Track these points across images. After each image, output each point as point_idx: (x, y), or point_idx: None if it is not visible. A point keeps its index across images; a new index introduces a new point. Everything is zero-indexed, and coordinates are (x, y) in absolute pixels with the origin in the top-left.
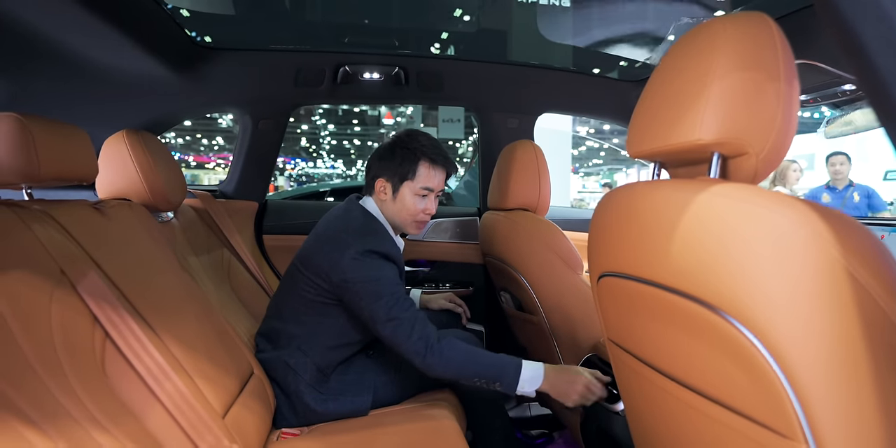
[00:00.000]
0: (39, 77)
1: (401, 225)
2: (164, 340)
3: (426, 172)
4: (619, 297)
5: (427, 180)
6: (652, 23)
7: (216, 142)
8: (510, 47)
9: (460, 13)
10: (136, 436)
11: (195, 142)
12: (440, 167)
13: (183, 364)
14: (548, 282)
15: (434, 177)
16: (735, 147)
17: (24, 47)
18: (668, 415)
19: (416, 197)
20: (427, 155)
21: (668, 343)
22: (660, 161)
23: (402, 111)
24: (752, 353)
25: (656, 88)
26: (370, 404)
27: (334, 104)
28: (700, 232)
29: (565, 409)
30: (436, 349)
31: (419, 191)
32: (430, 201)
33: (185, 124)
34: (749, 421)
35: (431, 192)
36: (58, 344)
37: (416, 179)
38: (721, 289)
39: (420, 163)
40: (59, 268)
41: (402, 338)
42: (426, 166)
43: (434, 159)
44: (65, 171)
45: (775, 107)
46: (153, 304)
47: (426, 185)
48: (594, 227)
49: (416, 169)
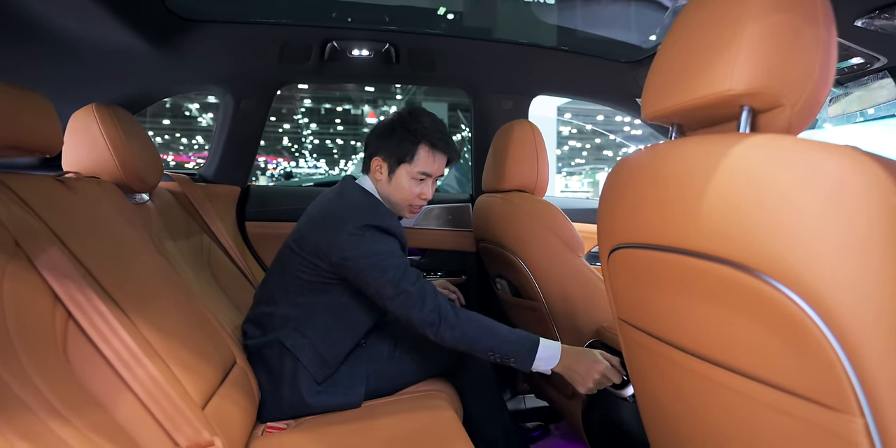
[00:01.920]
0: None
1: (394, 207)
2: (135, 323)
3: (426, 156)
4: (634, 270)
5: (426, 165)
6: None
7: (196, 141)
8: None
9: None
10: (104, 428)
11: (174, 141)
12: (441, 152)
13: (157, 349)
14: (548, 265)
15: (434, 162)
16: (769, 98)
17: None
18: (692, 396)
19: (413, 181)
20: (428, 138)
21: (695, 317)
22: (678, 123)
23: (386, 110)
24: (800, 319)
25: (678, 40)
26: (363, 397)
27: (321, 83)
28: (737, 187)
29: (566, 397)
30: (450, 320)
31: (416, 175)
32: (426, 186)
33: (164, 123)
34: (793, 396)
35: (429, 177)
36: (10, 323)
37: (415, 163)
38: (763, 249)
39: (420, 146)
40: (13, 240)
41: (414, 310)
42: (426, 150)
43: (435, 143)
44: (24, 140)
45: (814, 53)
46: (124, 285)
47: (424, 170)
48: (605, 197)
49: (416, 152)
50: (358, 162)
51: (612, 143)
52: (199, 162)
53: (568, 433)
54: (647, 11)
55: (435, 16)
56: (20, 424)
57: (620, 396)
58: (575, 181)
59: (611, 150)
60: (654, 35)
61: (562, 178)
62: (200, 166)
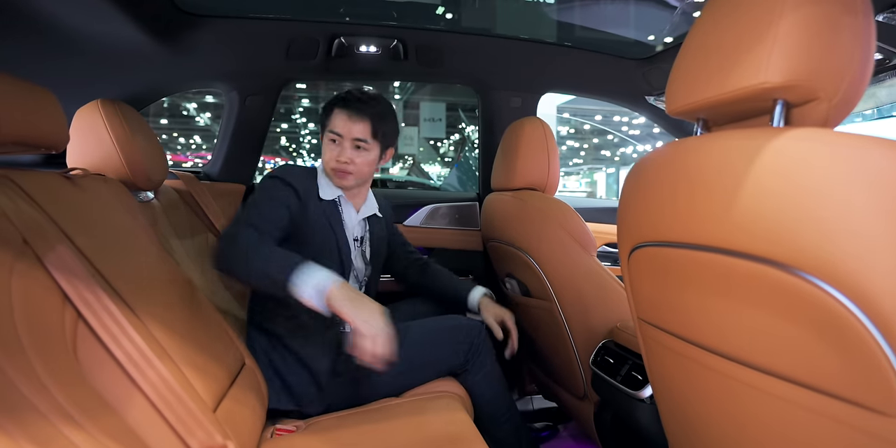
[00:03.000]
0: (1, 38)
1: (329, 176)
2: (145, 323)
3: (334, 116)
4: (659, 269)
5: (334, 123)
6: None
7: (193, 140)
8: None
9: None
10: (115, 432)
11: (171, 141)
12: (348, 110)
13: (168, 350)
14: (560, 264)
15: (340, 120)
16: (805, 91)
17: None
18: (721, 399)
19: (329, 143)
20: (338, 101)
21: (726, 317)
22: (703, 118)
23: None
24: (844, 319)
25: (705, 32)
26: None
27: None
28: (776, 182)
29: (577, 398)
30: (231, 237)
31: (329, 135)
32: (342, 149)
33: (162, 123)
34: (835, 399)
35: (340, 137)
36: (19, 324)
37: (328, 124)
38: (804, 246)
39: (333, 109)
40: (21, 237)
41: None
42: (334, 110)
43: (340, 103)
44: (30, 135)
45: (853, 44)
46: (133, 284)
47: (332, 129)
48: (626, 195)
49: (329, 114)
50: None
51: (610, 142)
52: (197, 162)
53: (577, 434)
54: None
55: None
56: (32, 429)
57: (637, 398)
58: (573, 181)
59: (608, 150)
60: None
61: (560, 178)
62: (197, 166)
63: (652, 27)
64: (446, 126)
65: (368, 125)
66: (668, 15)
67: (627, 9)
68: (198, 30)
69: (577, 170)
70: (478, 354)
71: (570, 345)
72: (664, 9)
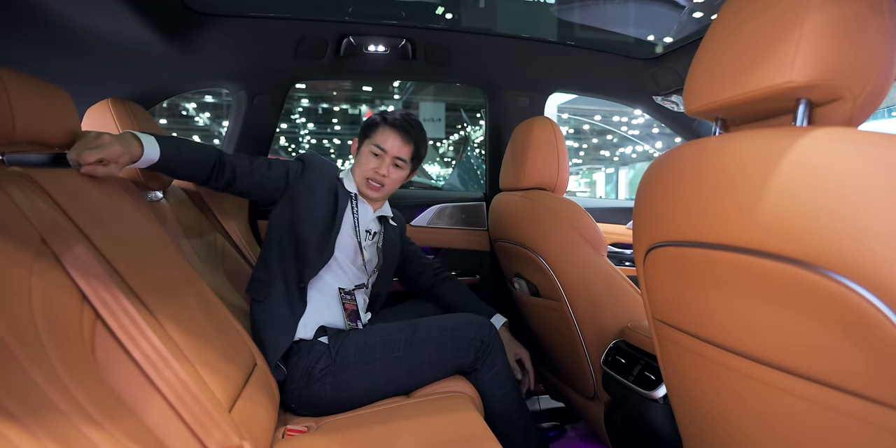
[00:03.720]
0: (9, 37)
1: (357, 183)
2: (162, 324)
3: (382, 132)
4: (677, 269)
5: (381, 139)
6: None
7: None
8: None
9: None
10: (134, 432)
11: None
12: (398, 131)
13: (184, 351)
14: (571, 263)
15: (388, 138)
16: (829, 91)
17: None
18: (741, 399)
19: (370, 155)
20: (388, 119)
21: (749, 317)
22: (722, 118)
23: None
24: (873, 318)
25: (725, 31)
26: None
27: (336, 79)
28: (802, 181)
29: (586, 398)
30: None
31: (373, 149)
32: (382, 163)
33: (161, 122)
34: (862, 399)
35: (385, 152)
36: (39, 324)
37: (373, 137)
38: (831, 245)
39: (380, 124)
40: (39, 237)
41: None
42: (384, 128)
43: (392, 123)
44: (44, 134)
45: (880, 43)
46: (149, 283)
47: (378, 143)
48: (643, 194)
49: (376, 128)
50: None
51: (610, 143)
52: None
53: (584, 434)
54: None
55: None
56: (54, 428)
57: (650, 398)
58: (572, 181)
59: (608, 150)
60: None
61: None
62: None
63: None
64: (446, 126)
65: (412, 149)
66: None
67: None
68: (207, 29)
69: (577, 170)
70: (488, 352)
71: (581, 345)
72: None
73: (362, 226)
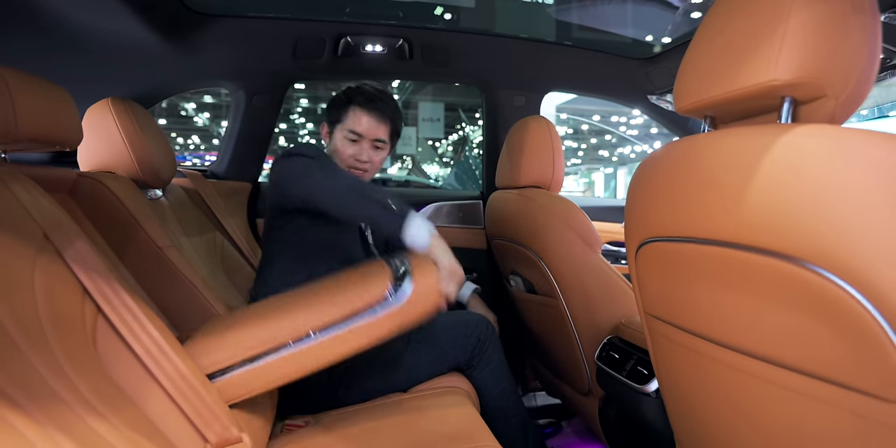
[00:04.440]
0: (9, 36)
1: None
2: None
3: (353, 116)
4: (667, 264)
5: (355, 123)
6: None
7: (191, 141)
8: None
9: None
10: (136, 423)
11: (170, 141)
12: (373, 112)
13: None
14: (565, 261)
15: (362, 121)
16: (813, 89)
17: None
18: (730, 391)
19: (346, 141)
20: (358, 99)
21: (735, 310)
22: (711, 116)
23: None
24: (852, 309)
25: (713, 30)
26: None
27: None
28: (785, 177)
29: (581, 394)
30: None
31: (347, 134)
32: (361, 149)
33: (161, 123)
34: (843, 388)
35: (361, 137)
36: (43, 316)
37: (345, 122)
38: (812, 239)
39: (350, 106)
40: (42, 232)
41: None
42: (354, 110)
43: (363, 104)
44: (45, 132)
45: (861, 42)
46: None
47: (353, 129)
48: (635, 190)
49: (346, 112)
50: None
51: (608, 143)
52: (195, 162)
53: (580, 430)
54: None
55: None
56: (59, 419)
57: (643, 392)
58: (570, 181)
59: (606, 150)
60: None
61: None
62: (195, 166)
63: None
64: (445, 126)
65: (389, 126)
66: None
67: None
68: (207, 29)
69: (576, 170)
70: (485, 349)
71: (576, 341)
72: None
73: None
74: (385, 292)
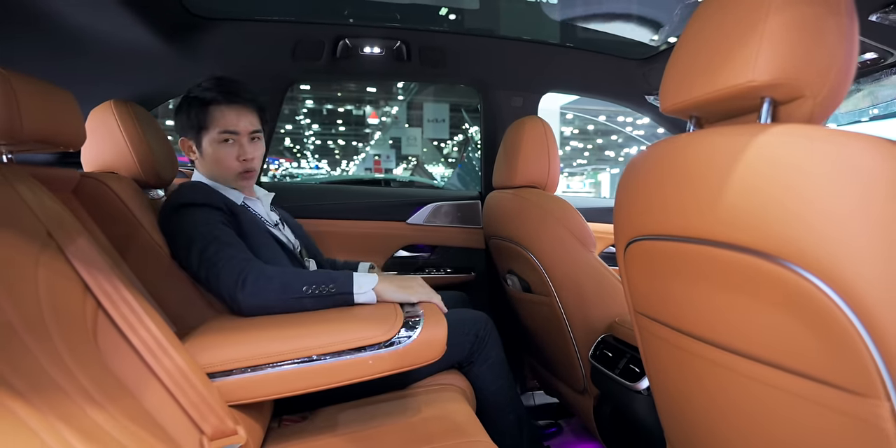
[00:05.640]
0: (14, 39)
1: (225, 182)
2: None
3: (219, 115)
4: (653, 262)
5: (223, 123)
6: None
7: None
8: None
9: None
10: (134, 414)
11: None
12: (235, 105)
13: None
14: (560, 260)
15: (229, 117)
16: (791, 89)
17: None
18: (712, 387)
19: (222, 145)
20: (214, 97)
21: (715, 307)
22: (696, 116)
23: (388, 111)
24: (825, 306)
25: (697, 32)
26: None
27: (333, 80)
28: (761, 176)
29: (577, 392)
30: (250, 276)
31: (220, 136)
32: (240, 147)
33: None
34: (817, 383)
35: (236, 134)
36: (45, 311)
37: (212, 126)
38: (787, 236)
39: (210, 107)
40: (45, 230)
41: (214, 282)
42: (216, 109)
43: (220, 99)
44: (49, 133)
45: (837, 43)
46: None
47: (224, 129)
48: (622, 190)
49: (208, 114)
50: (360, 162)
51: (615, 143)
52: None
53: (578, 429)
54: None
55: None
56: (60, 408)
57: (634, 389)
58: (576, 182)
59: (612, 150)
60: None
61: (564, 178)
62: None
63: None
64: (450, 127)
65: (257, 114)
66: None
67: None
68: (207, 32)
69: (582, 170)
70: (483, 346)
71: (570, 339)
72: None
73: (269, 225)
74: (393, 335)
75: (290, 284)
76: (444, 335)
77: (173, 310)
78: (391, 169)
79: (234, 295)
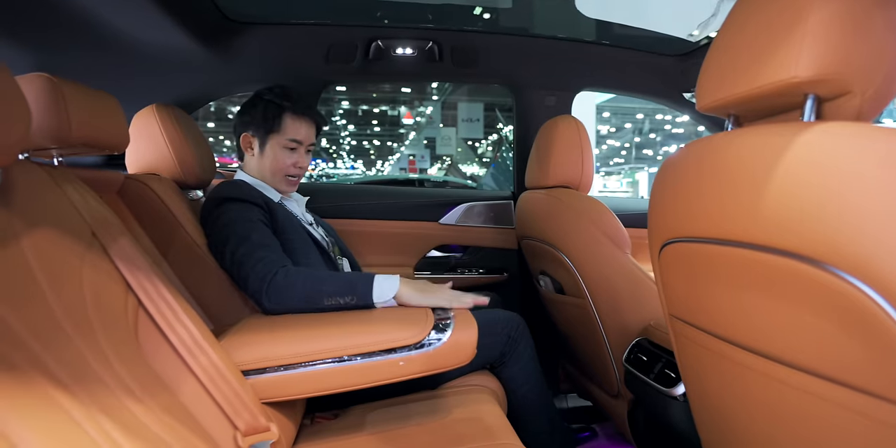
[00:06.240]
0: (63, 48)
1: (271, 182)
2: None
3: (292, 124)
4: (689, 265)
5: (293, 131)
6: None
7: None
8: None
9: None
10: (171, 407)
11: (218, 143)
12: (306, 118)
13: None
14: (594, 261)
15: (300, 128)
16: (836, 85)
17: (48, 16)
18: (752, 395)
19: (283, 150)
20: (291, 106)
21: (756, 312)
22: (734, 114)
23: (422, 111)
24: (873, 314)
25: (736, 27)
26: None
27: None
28: (805, 176)
29: (611, 396)
30: (274, 282)
31: (285, 143)
32: (299, 155)
33: (209, 126)
34: (865, 395)
35: (300, 144)
36: (90, 307)
37: (283, 131)
38: (833, 240)
39: (285, 114)
40: (90, 230)
41: (243, 283)
42: (291, 118)
43: (297, 110)
44: (96, 137)
45: (885, 37)
46: None
47: (293, 137)
48: (657, 191)
49: (282, 120)
50: (394, 162)
51: (653, 141)
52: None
53: (612, 434)
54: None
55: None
56: (101, 399)
57: (670, 395)
58: (613, 181)
59: (651, 149)
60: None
61: (600, 177)
62: None
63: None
64: (484, 126)
65: (316, 129)
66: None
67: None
68: (244, 36)
69: (619, 169)
70: (515, 346)
71: (604, 342)
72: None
73: (305, 224)
74: (423, 337)
75: (312, 297)
76: (474, 339)
77: (210, 308)
78: (425, 169)
79: (259, 299)
